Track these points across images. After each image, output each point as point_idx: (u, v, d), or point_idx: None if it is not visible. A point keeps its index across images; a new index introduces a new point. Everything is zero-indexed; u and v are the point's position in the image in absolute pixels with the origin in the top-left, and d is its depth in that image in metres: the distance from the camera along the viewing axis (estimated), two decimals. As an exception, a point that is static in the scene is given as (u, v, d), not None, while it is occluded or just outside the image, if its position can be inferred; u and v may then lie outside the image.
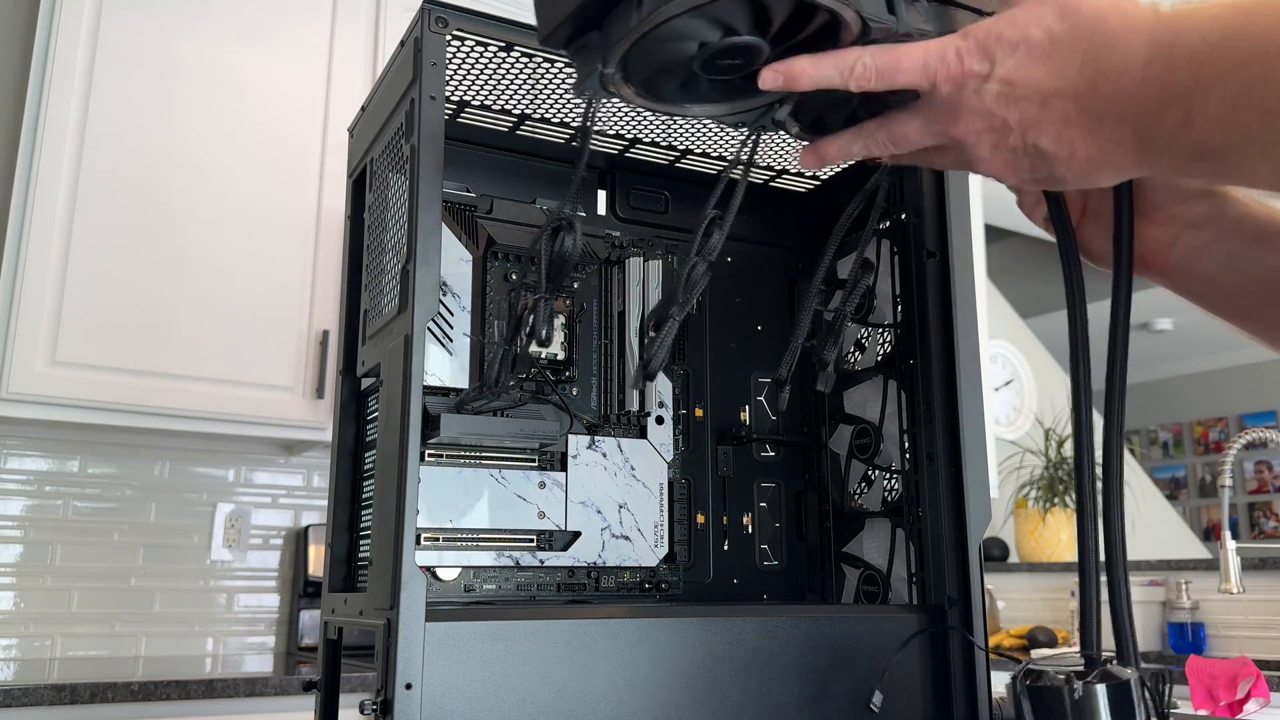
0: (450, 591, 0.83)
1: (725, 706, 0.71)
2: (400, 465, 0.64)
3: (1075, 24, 0.48)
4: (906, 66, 0.51)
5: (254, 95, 2.26)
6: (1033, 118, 0.49)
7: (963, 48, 0.50)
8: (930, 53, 0.51)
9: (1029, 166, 0.51)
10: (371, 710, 0.62)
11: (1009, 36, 0.49)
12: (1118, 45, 0.46)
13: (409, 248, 0.69)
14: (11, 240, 1.99)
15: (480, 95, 0.85)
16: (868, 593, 0.92)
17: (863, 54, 0.52)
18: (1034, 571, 3.29)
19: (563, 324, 0.92)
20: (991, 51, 0.49)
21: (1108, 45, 0.47)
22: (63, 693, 1.67)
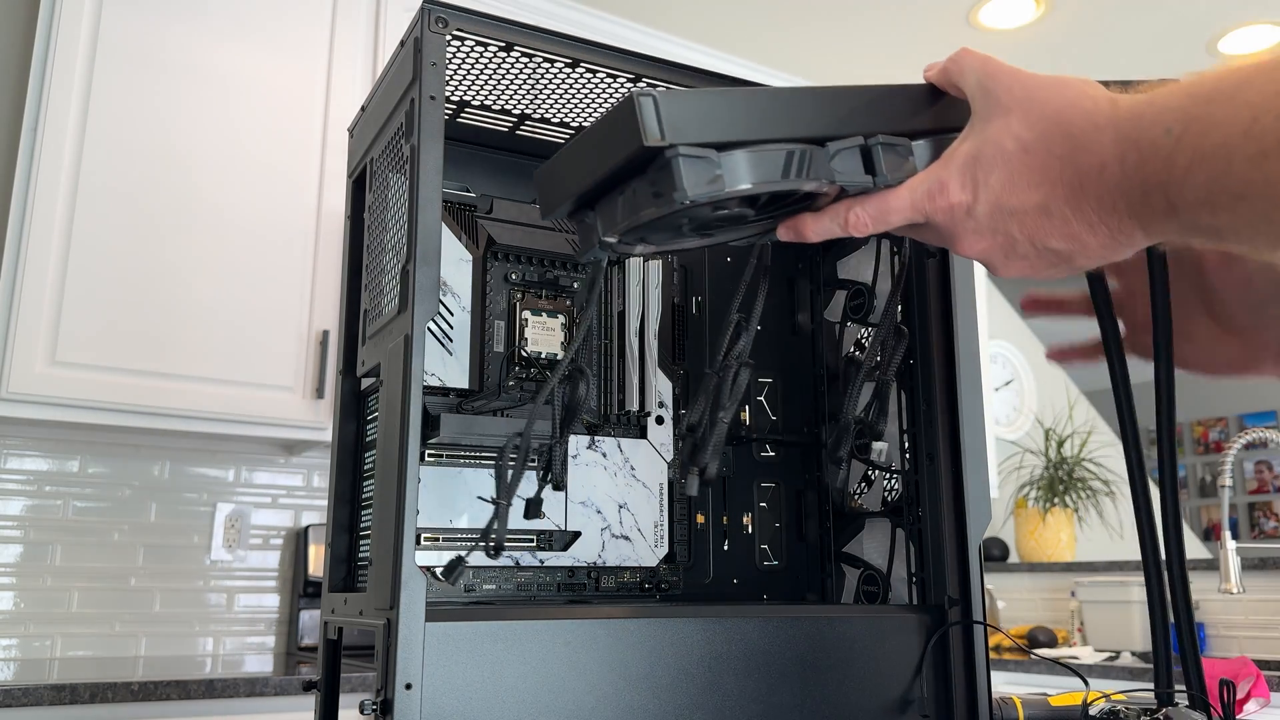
0: (450, 591, 0.83)
1: (725, 706, 0.71)
2: (400, 465, 0.64)
3: (1043, 129, 0.49)
4: (897, 208, 0.54)
5: (254, 95, 2.26)
6: (1034, 226, 0.50)
7: (945, 178, 0.52)
8: (916, 191, 0.53)
9: (1047, 264, 0.52)
10: (371, 710, 0.62)
11: (985, 156, 0.51)
12: (1088, 145, 0.47)
13: (409, 248, 0.69)
14: (11, 240, 1.99)
15: (480, 95, 0.85)
16: (868, 593, 0.92)
17: (854, 205, 0.55)
18: (1034, 571, 3.29)
19: (562, 324, 0.92)
20: (973, 176, 0.51)
21: (1079, 147, 0.48)
22: (63, 693, 1.67)
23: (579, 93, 0.84)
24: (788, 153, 0.53)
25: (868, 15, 2.90)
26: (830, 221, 0.57)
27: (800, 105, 0.55)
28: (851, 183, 0.55)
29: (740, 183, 0.52)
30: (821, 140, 0.54)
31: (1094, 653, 2.79)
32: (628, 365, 0.94)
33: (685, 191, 0.51)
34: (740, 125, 0.53)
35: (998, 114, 0.51)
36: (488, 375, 0.87)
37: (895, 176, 0.55)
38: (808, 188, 0.54)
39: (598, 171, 0.55)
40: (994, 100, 0.51)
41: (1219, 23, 2.90)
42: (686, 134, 0.51)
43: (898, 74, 3.16)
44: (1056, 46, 3.02)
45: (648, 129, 0.51)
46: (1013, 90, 0.51)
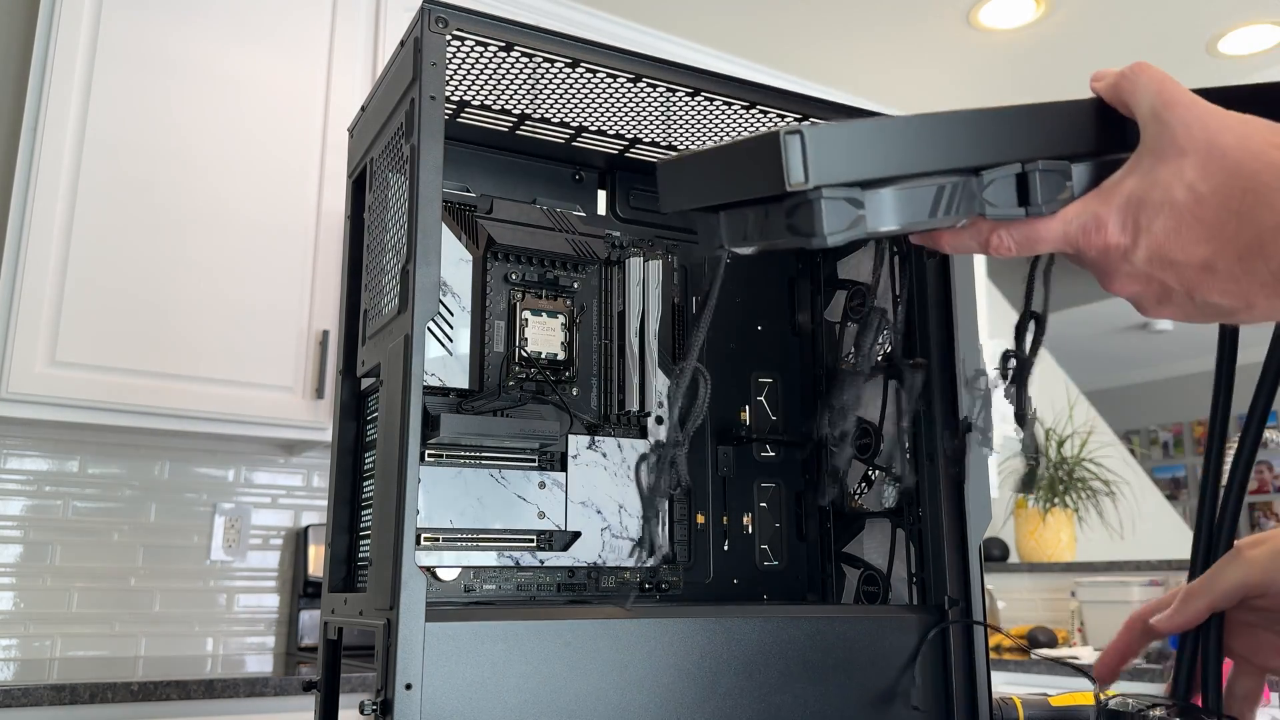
0: (450, 591, 0.83)
1: (725, 706, 0.71)
2: (400, 465, 0.64)
3: (1221, 182, 0.45)
4: (1047, 239, 0.50)
5: (254, 95, 2.26)
6: (1195, 281, 0.46)
7: (1104, 216, 0.48)
8: (1071, 225, 0.49)
9: (1202, 316, 0.49)
10: (371, 710, 0.62)
11: (1152, 200, 0.46)
12: (1272, 202, 0.43)
13: (409, 248, 0.69)
14: (11, 240, 1.99)
15: (480, 95, 0.85)
16: (868, 593, 0.92)
17: (999, 228, 0.51)
18: (1034, 571, 3.29)
19: (562, 324, 0.92)
20: (1135, 219, 0.47)
21: (1262, 203, 0.43)
22: (63, 693, 1.67)
23: (579, 93, 0.84)
24: (938, 188, 0.50)
25: (867, 14, 2.90)
26: (971, 240, 0.53)
27: (954, 132, 0.51)
28: (1004, 215, 0.51)
29: (884, 225, 0.49)
30: (976, 170, 0.51)
31: (1094, 653, 2.78)
32: (628, 365, 0.94)
33: (824, 236, 0.47)
34: (889, 160, 0.49)
35: (1172, 154, 0.46)
36: (488, 375, 0.87)
37: (1050, 207, 0.51)
38: (960, 221, 0.51)
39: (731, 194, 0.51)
40: (1169, 136, 0.47)
41: (1219, 23, 2.90)
42: (832, 174, 0.47)
43: (897, 73, 3.17)
44: (1056, 46, 3.02)
45: (792, 172, 0.47)
46: (1191, 129, 0.46)
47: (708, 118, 0.89)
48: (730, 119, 0.89)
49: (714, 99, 0.85)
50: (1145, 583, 2.86)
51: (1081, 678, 0.77)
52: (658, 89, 0.83)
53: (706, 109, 0.87)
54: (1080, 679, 2.52)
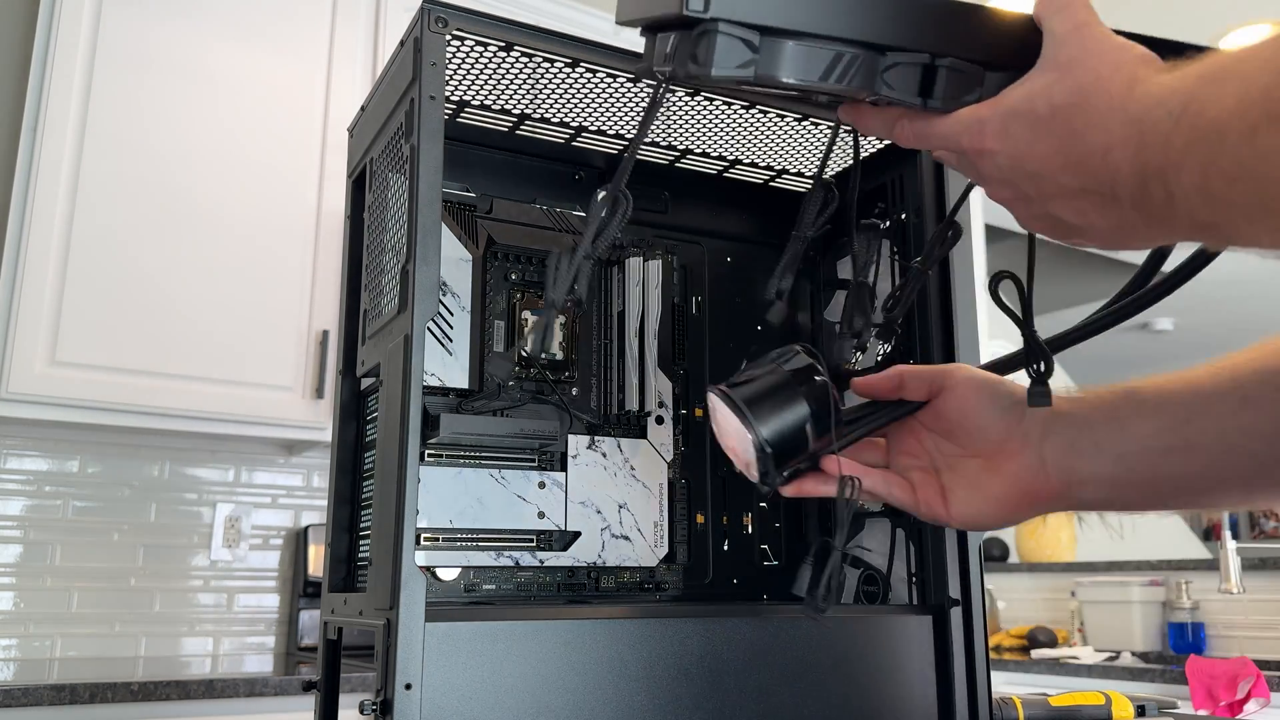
0: (450, 591, 0.83)
1: (725, 706, 0.71)
2: (400, 465, 0.64)
3: (1073, 99, 0.47)
4: (937, 134, 0.53)
5: (254, 95, 2.26)
6: (1047, 191, 0.49)
7: (987, 120, 0.51)
8: (960, 124, 0.52)
9: (1063, 233, 0.51)
10: (371, 710, 0.62)
11: (1021, 109, 0.49)
12: (1101, 124, 0.46)
13: (409, 248, 0.69)
14: (11, 240, 1.99)
15: (480, 95, 0.85)
16: (868, 593, 0.92)
17: (903, 118, 0.55)
18: (1034, 571, 3.29)
19: (563, 324, 0.92)
20: (1007, 126, 0.50)
21: (1092, 125, 0.46)
22: (63, 693, 1.67)
23: (579, 93, 0.84)
24: (836, 54, 0.51)
25: (868, 15, 2.90)
26: (881, 123, 0.56)
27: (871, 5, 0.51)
28: (898, 100, 0.52)
29: (775, 73, 0.50)
30: (883, 48, 0.51)
31: (1094, 653, 2.79)
32: (627, 365, 0.94)
33: (711, 69, 0.49)
34: (792, 13, 0.50)
35: (1049, 69, 0.49)
36: (488, 375, 0.87)
37: (948, 105, 0.52)
38: (847, 94, 0.52)
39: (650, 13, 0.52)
40: (1051, 51, 0.50)
41: (1219, 23, 2.90)
42: (731, 10, 0.49)
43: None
44: (1056, 46, 3.02)
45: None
46: (1066, 48, 0.49)
47: (708, 117, 0.89)
48: (731, 118, 0.89)
49: (714, 98, 0.85)
50: (1145, 582, 2.86)
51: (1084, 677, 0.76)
52: None
53: (707, 108, 0.87)
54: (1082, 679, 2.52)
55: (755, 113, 0.88)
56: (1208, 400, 0.61)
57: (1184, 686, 2.19)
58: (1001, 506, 0.64)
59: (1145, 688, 2.37)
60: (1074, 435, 0.63)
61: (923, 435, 0.68)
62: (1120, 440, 0.62)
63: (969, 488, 0.65)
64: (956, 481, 0.65)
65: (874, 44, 0.51)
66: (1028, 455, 0.64)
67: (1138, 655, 2.75)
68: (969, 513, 0.65)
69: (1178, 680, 2.30)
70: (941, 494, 0.65)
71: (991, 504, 0.64)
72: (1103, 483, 0.63)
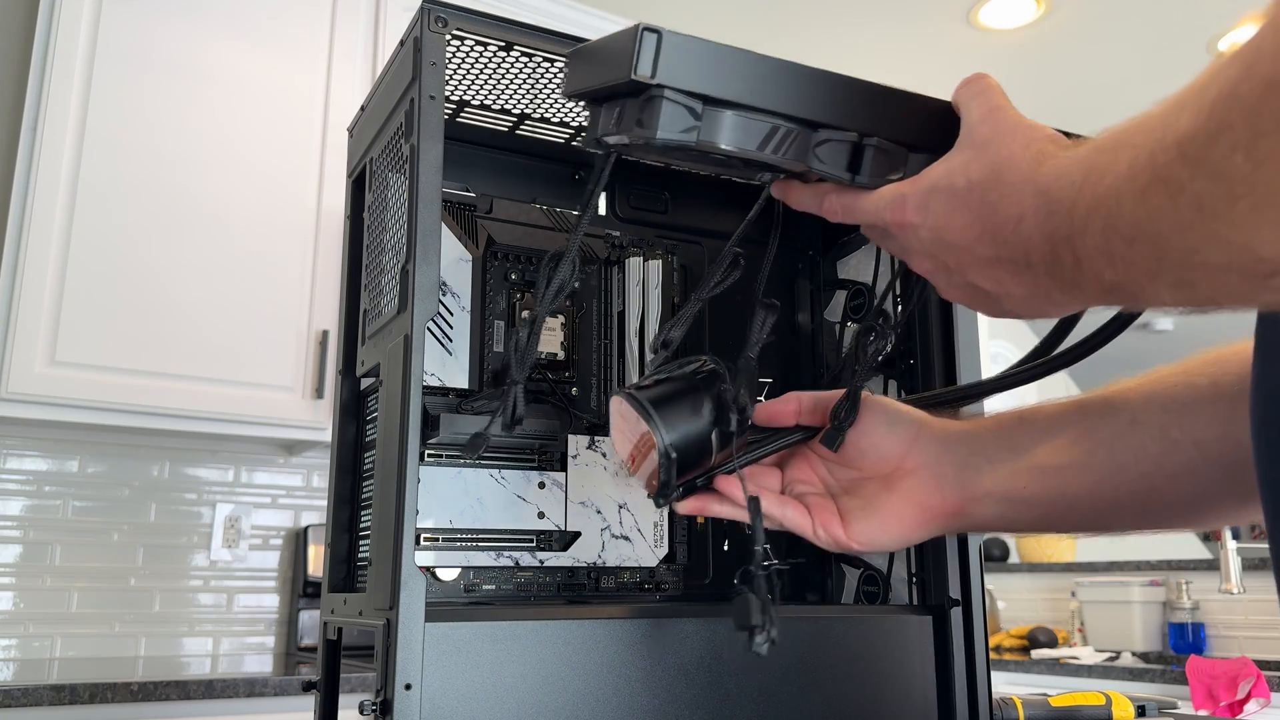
0: (450, 591, 0.83)
1: (725, 706, 0.71)
2: (400, 465, 0.64)
3: (987, 175, 0.51)
4: (863, 209, 0.57)
5: (254, 95, 2.26)
6: (965, 261, 0.52)
7: (908, 196, 0.54)
8: (884, 200, 0.56)
9: (982, 302, 0.54)
10: (371, 711, 0.62)
11: (941, 185, 0.53)
12: (1013, 196, 0.49)
13: (409, 248, 0.69)
14: (11, 240, 1.99)
15: (480, 95, 0.85)
16: (868, 593, 0.92)
17: (831, 193, 0.59)
18: (1034, 572, 3.29)
19: (562, 324, 0.92)
20: (927, 201, 0.53)
21: (1005, 197, 0.49)
22: (62, 693, 1.67)
23: (579, 92, 0.84)
24: (772, 127, 0.55)
25: (867, 14, 2.90)
26: (811, 198, 0.60)
27: (801, 85, 0.55)
28: (828, 174, 0.56)
29: (715, 140, 0.54)
30: (816, 125, 0.55)
31: (1094, 653, 2.79)
32: (627, 365, 0.94)
33: (656, 132, 0.52)
34: (733, 86, 0.53)
35: (966, 148, 0.53)
36: (488, 375, 0.87)
37: (874, 181, 0.56)
38: (780, 165, 0.56)
39: (599, 81, 0.56)
40: (966, 134, 0.54)
41: (1219, 23, 2.90)
42: (676, 79, 0.52)
43: (897, 73, 3.16)
44: (1056, 46, 3.02)
45: (641, 64, 0.52)
46: (981, 130, 0.53)
47: (708, 117, 0.89)
48: (730, 119, 0.89)
49: (714, 99, 0.85)
50: (1145, 583, 2.86)
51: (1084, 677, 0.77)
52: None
53: (706, 109, 0.87)
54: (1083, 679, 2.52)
55: (755, 112, 0.88)
56: (1097, 422, 0.63)
57: (1184, 687, 2.19)
58: (900, 525, 0.66)
59: (1145, 688, 2.37)
60: (968, 454, 0.65)
61: (816, 462, 0.70)
62: (1013, 458, 0.64)
63: (867, 509, 0.66)
64: (854, 504, 0.67)
65: (808, 120, 0.55)
66: (924, 474, 0.66)
67: (1138, 655, 2.75)
68: (868, 534, 0.66)
69: (1178, 680, 2.30)
70: (839, 518, 0.67)
71: (890, 523, 0.66)
72: (998, 500, 0.65)
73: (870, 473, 0.68)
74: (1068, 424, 0.64)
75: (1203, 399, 0.60)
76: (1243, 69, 0.35)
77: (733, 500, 0.66)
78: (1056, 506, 0.64)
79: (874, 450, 0.67)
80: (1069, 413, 0.65)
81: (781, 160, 0.55)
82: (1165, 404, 0.61)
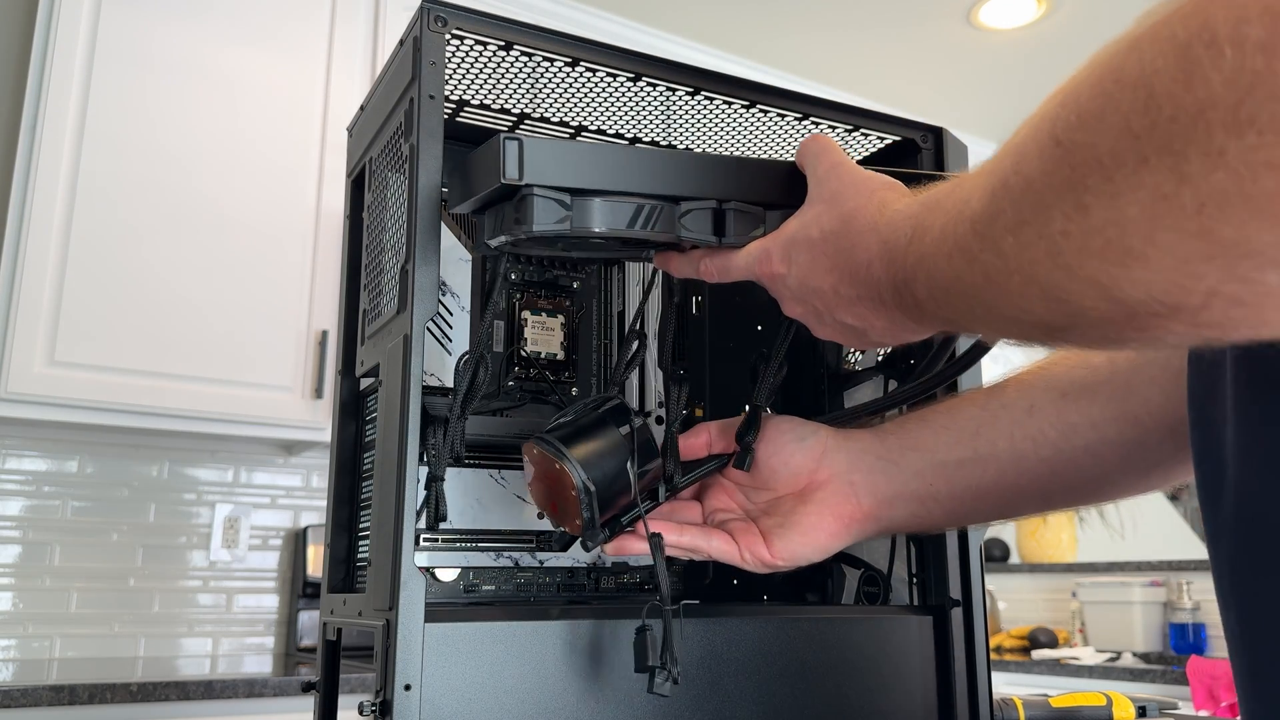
0: (450, 592, 0.83)
1: (725, 706, 0.71)
2: (400, 465, 0.64)
3: (837, 226, 0.56)
4: (735, 267, 0.63)
5: (253, 95, 2.26)
6: (830, 303, 0.57)
7: (772, 249, 0.60)
8: (752, 256, 0.61)
9: (851, 337, 0.59)
10: (371, 711, 0.62)
11: (799, 237, 0.58)
12: (862, 244, 0.54)
13: (408, 247, 0.69)
14: (10, 240, 1.99)
15: (480, 95, 0.85)
16: (868, 593, 0.92)
17: (706, 256, 0.65)
18: (1034, 572, 3.29)
19: (562, 324, 0.92)
20: (789, 252, 0.59)
21: (855, 245, 0.55)
22: (62, 693, 1.67)
23: (579, 92, 0.84)
24: (638, 206, 0.61)
25: (867, 14, 2.90)
26: (688, 264, 0.66)
27: (657, 166, 0.63)
28: (697, 240, 0.63)
29: (588, 225, 0.61)
30: (677, 199, 0.62)
31: (1095, 653, 2.78)
32: (628, 365, 0.93)
33: (533, 225, 0.59)
34: (595, 176, 0.61)
35: (816, 202, 0.59)
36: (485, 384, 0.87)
37: (740, 240, 0.63)
38: (654, 239, 0.62)
39: (477, 188, 0.63)
40: (815, 190, 0.60)
41: (1219, 23, 2.90)
42: (542, 176, 0.60)
43: (897, 73, 3.16)
44: (1057, 46, 3.02)
45: (508, 168, 0.59)
46: (827, 185, 0.59)
47: (708, 117, 0.89)
48: (731, 118, 0.89)
49: (714, 98, 0.85)
50: (1146, 583, 2.86)
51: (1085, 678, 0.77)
52: (658, 88, 0.83)
53: (707, 108, 0.87)
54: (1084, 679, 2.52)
55: (756, 112, 0.88)
56: (995, 412, 0.66)
57: (1185, 687, 2.19)
58: (819, 536, 0.69)
59: (1146, 688, 2.37)
60: (875, 459, 0.68)
61: (732, 489, 0.73)
62: (916, 458, 0.67)
63: (786, 525, 0.69)
64: (774, 523, 0.69)
65: (669, 196, 0.62)
66: (836, 484, 0.69)
67: (1139, 656, 2.75)
68: (792, 549, 0.69)
69: (1179, 681, 2.30)
70: (762, 538, 0.69)
71: (810, 535, 0.69)
72: (909, 500, 0.68)
73: (784, 490, 0.70)
74: (967, 418, 0.67)
75: (1099, 379, 0.63)
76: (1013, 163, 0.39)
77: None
78: (964, 500, 0.67)
79: (785, 468, 0.70)
80: (968, 406, 0.68)
81: (653, 234, 0.62)
82: (1064, 389, 0.64)
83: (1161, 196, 0.32)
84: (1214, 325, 0.34)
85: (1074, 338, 0.41)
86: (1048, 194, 0.37)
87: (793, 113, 0.88)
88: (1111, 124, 0.34)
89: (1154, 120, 0.32)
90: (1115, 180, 0.34)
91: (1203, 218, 0.31)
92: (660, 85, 0.82)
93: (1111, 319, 0.37)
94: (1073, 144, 0.36)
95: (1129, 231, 0.34)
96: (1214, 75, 0.30)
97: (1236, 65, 0.29)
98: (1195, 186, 0.31)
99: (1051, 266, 0.38)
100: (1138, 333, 0.37)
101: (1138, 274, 0.34)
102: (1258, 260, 0.31)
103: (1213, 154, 0.30)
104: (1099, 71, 0.36)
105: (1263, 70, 0.29)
